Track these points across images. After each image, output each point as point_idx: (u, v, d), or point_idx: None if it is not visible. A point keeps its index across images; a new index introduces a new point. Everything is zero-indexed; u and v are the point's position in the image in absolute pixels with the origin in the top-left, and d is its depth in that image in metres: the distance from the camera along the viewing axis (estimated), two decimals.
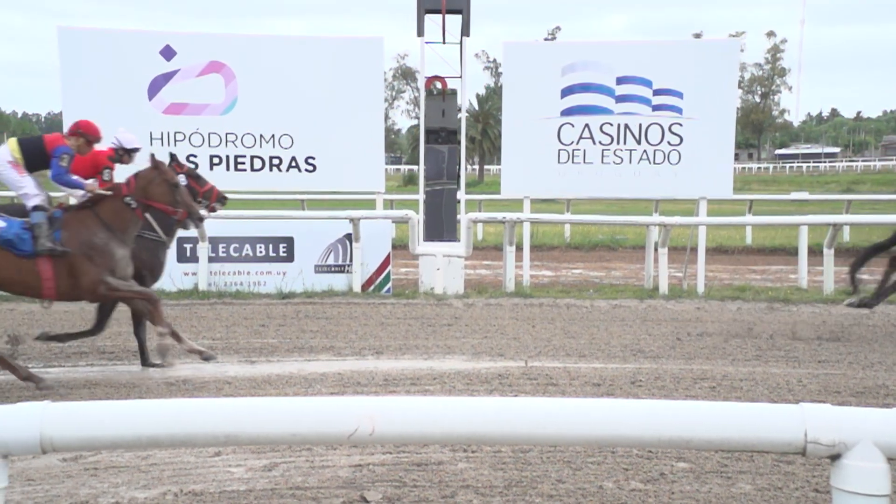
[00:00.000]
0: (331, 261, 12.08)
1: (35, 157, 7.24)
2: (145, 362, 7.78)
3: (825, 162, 77.27)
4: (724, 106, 12.70)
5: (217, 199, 8.37)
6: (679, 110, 12.48)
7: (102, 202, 7.22)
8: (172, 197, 7.30)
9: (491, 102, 60.49)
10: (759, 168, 74.75)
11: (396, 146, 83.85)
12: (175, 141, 12.27)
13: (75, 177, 7.35)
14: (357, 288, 11.83)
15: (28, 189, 7.11)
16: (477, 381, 7.22)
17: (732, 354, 8.37)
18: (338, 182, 13.05)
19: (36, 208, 6.98)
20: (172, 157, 8.21)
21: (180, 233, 11.71)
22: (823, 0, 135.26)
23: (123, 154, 8.03)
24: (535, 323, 9.90)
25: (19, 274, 6.88)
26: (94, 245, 7.02)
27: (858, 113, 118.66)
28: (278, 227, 12.17)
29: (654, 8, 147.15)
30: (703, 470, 5.09)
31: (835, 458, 2.69)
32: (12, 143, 7.36)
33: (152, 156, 7.42)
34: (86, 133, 7.46)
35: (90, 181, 7.47)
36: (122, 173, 7.82)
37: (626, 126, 12.56)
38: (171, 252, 11.70)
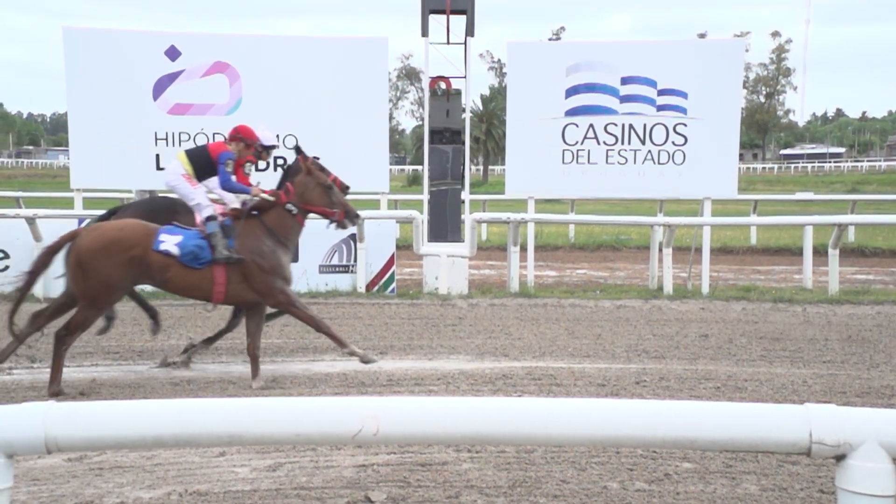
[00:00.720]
0: (335, 261, 12.08)
1: (203, 166, 7.56)
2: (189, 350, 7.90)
3: (830, 162, 77.14)
4: (729, 106, 12.68)
5: (342, 189, 8.35)
6: (683, 110, 12.46)
7: (269, 211, 7.39)
8: (329, 199, 7.49)
9: (495, 103, 60.47)
10: (763, 168, 74.66)
11: (401, 146, 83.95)
12: (180, 141, 12.29)
13: (239, 182, 7.63)
14: (361, 288, 11.84)
15: (200, 200, 7.42)
16: (481, 381, 7.22)
17: (737, 355, 8.36)
18: None
19: (209, 218, 7.21)
20: (298, 149, 8.18)
21: None
22: (828, 0, 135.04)
23: (262, 151, 8.10)
24: (540, 323, 9.89)
25: (193, 280, 7.07)
26: (262, 253, 7.23)
27: (863, 113, 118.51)
28: None
29: (658, 8, 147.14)
30: (708, 470, 5.09)
31: (840, 458, 2.69)
32: (182, 155, 7.65)
33: (303, 159, 7.62)
34: (245, 137, 7.78)
35: (254, 186, 7.65)
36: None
37: (631, 126, 12.54)
38: None
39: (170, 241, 6.96)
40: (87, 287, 6.86)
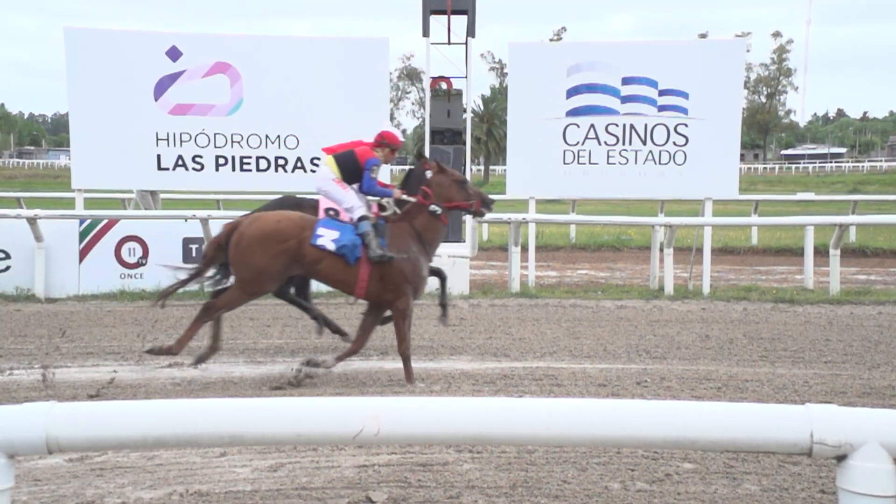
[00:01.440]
0: None
1: (350, 171, 7.65)
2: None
3: (831, 162, 77.13)
4: (730, 106, 12.67)
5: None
6: (684, 111, 12.46)
7: (417, 215, 7.56)
8: (466, 192, 7.72)
9: (496, 103, 60.51)
10: (764, 168, 74.65)
11: (402, 146, 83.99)
12: (181, 141, 12.30)
13: (382, 186, 7.74)
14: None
15: (353, 202, 7.51)
16: (482, 381, 7.22)
17: (738, 355, 8.36)
18: None
19: (362, 218, 7.35)
20: (420, 154, 8.32)
21: (186, 233, 11.84)
22: (829, 0, 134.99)
23: (389, 151, 8.12)
24: (541, 323, 9.89)
25: (341, 273, 7.25)
26: (408, 258, 7.36)
27: (864, 113, 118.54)
28: None
29: (659, 8, 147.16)
30: (709, 471, 5.09)
31: (841, 458, 2.69)
32: (331, 161, 7.75)
33: (436, 161, 7.88)
34: (390, 143, 7.95)
35: (396, 189, 7.76)
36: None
37: (632, 126, 12.54)
38: (178, 252, 11.80)
39: (327, 237, 7.18)
40: (242, 273, 7.15)
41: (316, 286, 8.84)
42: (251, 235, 7.10)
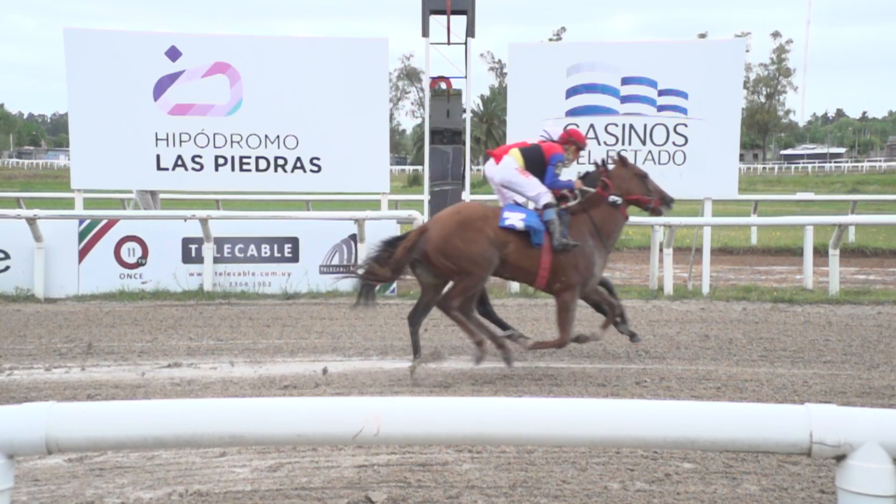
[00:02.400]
0: (336, 261, 12.09)
1: (534, 164, 7.74)
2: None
3: (830, 162, 77.16)
4: (730, 106, 12.67)
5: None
6: (684, 111, 12.46)
7: (597, 207, 7.61)
8: (646, 187, 7.78)
9: (496, 103, 60.55)
10: (764, 168, 74.64)
11: (401, 147, 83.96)
12: (180, 141, 12.30)
13: (564, 179, 7.83)
14: None
15: (538, 189, 7.61)
16: (482, 381, 7.22)
17: (737, 355, 8.36)
18: (343, 183, 13.06)
19: (547, 206, 7.46)
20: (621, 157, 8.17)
21: (186, 233, 11.84)
22: (829, 1, 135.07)
23: (575, 150, 8.21)
24: (540, 323, 9.89)
25: (525, 260, 7.37)
26: (583, 250, 7.41)
27: (864, 113, 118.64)
28: (283, 227, 12.18)
29: (659, 8, 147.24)
30: (709, 470, 5.09)
31: (840, 458, 2.69)
32: (515, 152, 7.86)
33: (619, 154, 7.97)
34: (577, 141, 8.06)
35: (576, 181, 7.85)
36: None
37: (631, 126, 12.54)
38: (177, 252, 11.81)
39: (514, 217, 7.31)
40: (456, 266, 7.35)
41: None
42: (443, 233, 7.27)
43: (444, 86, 14.26)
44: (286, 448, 5.32)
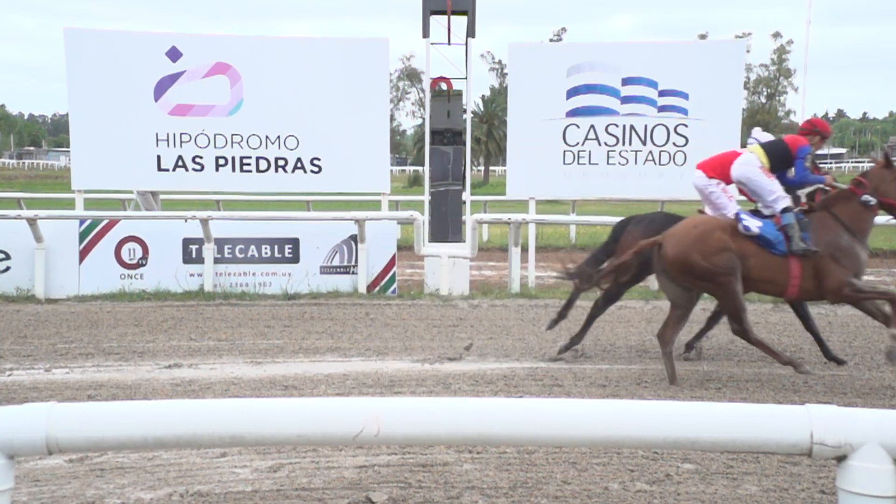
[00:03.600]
0: (336, 262, 12.08)
1: (779, 159, 7.48)
2: (827, 356, 7.91)
3: (831, 163, 77.00)
4: (730, 107, 12.67)
5: None
6: (684, 111, 12.46)
7: (838, 204, 7.35)
8: None
9: (496, 103, 60.44)
10: None
11: (402, 147, 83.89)
12: (181, 142, 12.32)
13: (814, 174, 7.58)
14: (362, 289, 11.83)
15: (778, 192, 7.35)
16: (482, 381, 7.22)
17: (738, 355, 8.36)
18: (343, 183, 13.08)
19: (785, 210, 7.20)
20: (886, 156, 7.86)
21: (186, 234, 11.84)
22: (829, 1, 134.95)
23: (819, 139, 7.89)
24: (541, 324, 9.88)
25: (771, 272, 7.14)
26: (839, 246, 7.16)
27: (864, 114, 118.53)
28: (284, 228, 12.17)
29: (659, 9, 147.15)
30: (709, 471, 5.09)
31: (841, 459, 2.69)
32: (757, 149, 7.62)
33: (885, 153, 7.56)
34: (821, 130, 7.75)
35: (827, 175, 7.64)
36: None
37: (632, 127, 12.55)
38: (177, 253, 11.81)
39: (751, 222, 7.15)
40: (703, 283, 7.23)
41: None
42: (681, 248, 7.13)
43: (444, 86, 14.25)
44: (287, 448, 5.31)
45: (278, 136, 12.47)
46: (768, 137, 8.20)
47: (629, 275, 7.72)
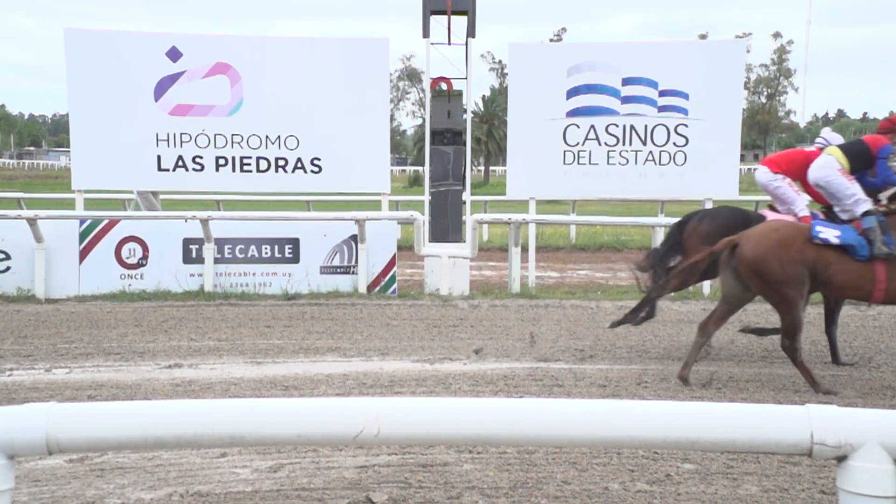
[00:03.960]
0: (336, 262, 12.08)
1: (858, 160, 7.33)
2: (836, 360, 7.95)
3: None
4: (730, 107, 12.68)
5: None
6: (685, 111, 12.46)
7: None
8: None
9: (496, 103, 60.43)
10: None
11: (402, 147, 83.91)
12: (181, 142, 12.32)
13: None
14: (362, 289, 11.83)
15: (858, 195, 7.18)
16: (482, 381, 7.21)
17: (738, 355, 8.36)
18: (343, 183, 13.08)
19: (866, 213, 7.05)
20: None
21: (186, 234, 11.83)
22: (830, 1, 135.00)
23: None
24: (541, 324, 9.89)
25: (855, 278, 6.96)
26: None
27: (864, 114, 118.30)
28: (284, 228, 12.17)
29: (659, 9, 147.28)
30: (709, 471, 5.09)
31: (841, 459, 2.69)
32: (835, 150, 7.45)
33: None
34: None
35: None
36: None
37: (632, 127, 12.55)
38: (177, 253, 11.80)
39: (828, 232, 6.93)
40: (770, 291, 7.05)
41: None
42: (758, 251, 6.97)
43: (444, 86, 14.26)
44: (287, 449, 5.31)
45: (278, 136, 12.47)
46: (838, 138, 8.01)
47: (698, 275, 7.67)
